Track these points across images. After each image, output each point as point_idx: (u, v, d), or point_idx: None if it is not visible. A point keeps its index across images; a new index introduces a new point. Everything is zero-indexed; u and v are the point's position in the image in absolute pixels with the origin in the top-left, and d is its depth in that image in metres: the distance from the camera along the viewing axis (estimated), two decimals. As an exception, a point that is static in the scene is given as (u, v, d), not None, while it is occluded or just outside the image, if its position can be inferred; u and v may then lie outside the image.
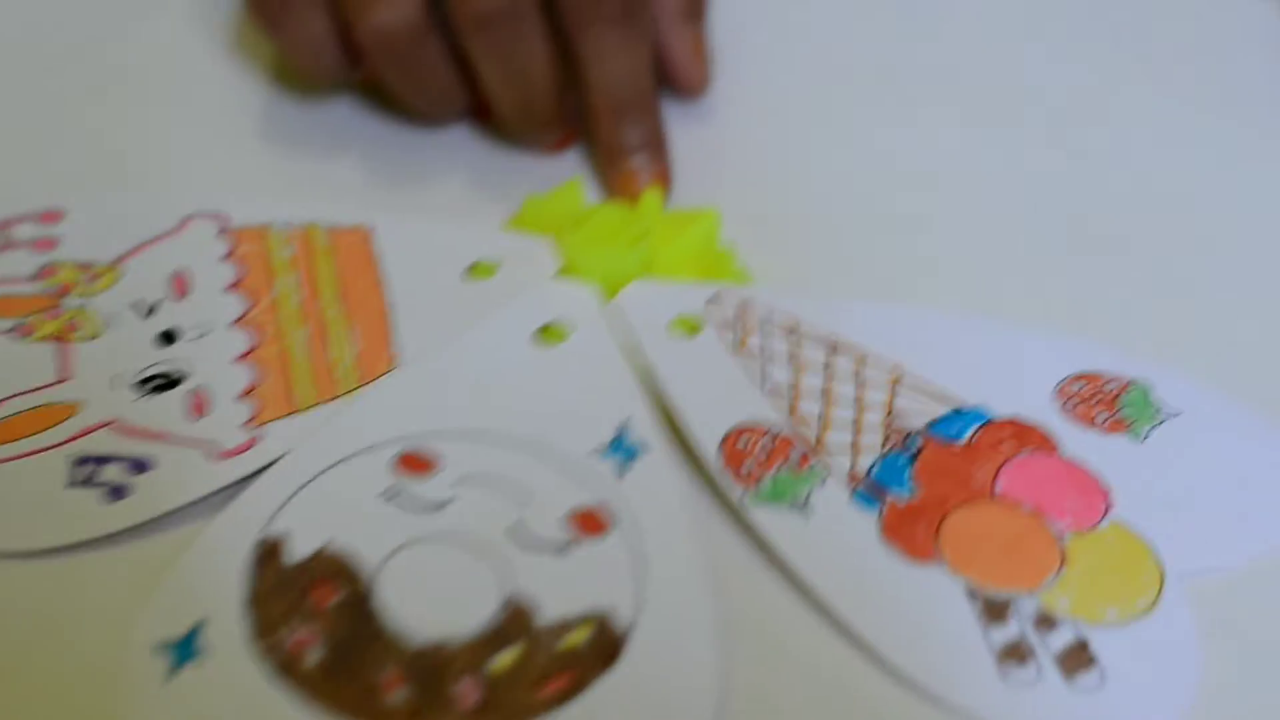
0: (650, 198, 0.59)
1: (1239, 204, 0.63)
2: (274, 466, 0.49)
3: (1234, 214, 0.62)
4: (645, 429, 0.50)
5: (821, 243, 0.60)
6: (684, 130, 0.63)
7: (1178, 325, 0.57)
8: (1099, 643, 0.45)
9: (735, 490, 0.49)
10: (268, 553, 0.46)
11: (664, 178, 0.60)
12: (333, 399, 0.51)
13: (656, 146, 0.60)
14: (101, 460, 0.49)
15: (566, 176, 0.60)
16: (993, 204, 0.62)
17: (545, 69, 0.58)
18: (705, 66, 0.64)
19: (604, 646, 0.44)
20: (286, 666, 0.44)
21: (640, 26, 0.59)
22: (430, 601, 0.45)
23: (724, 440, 0.50)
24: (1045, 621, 0.46)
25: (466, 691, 0.43)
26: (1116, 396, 0.52)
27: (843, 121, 0.66)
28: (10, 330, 0.54)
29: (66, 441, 0.50)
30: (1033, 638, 0.45)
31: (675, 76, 0.63)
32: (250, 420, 0.51)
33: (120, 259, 0.56)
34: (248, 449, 0.50)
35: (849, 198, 0.62)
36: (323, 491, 0.48)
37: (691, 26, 0.63)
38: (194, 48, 0.67)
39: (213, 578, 0.46)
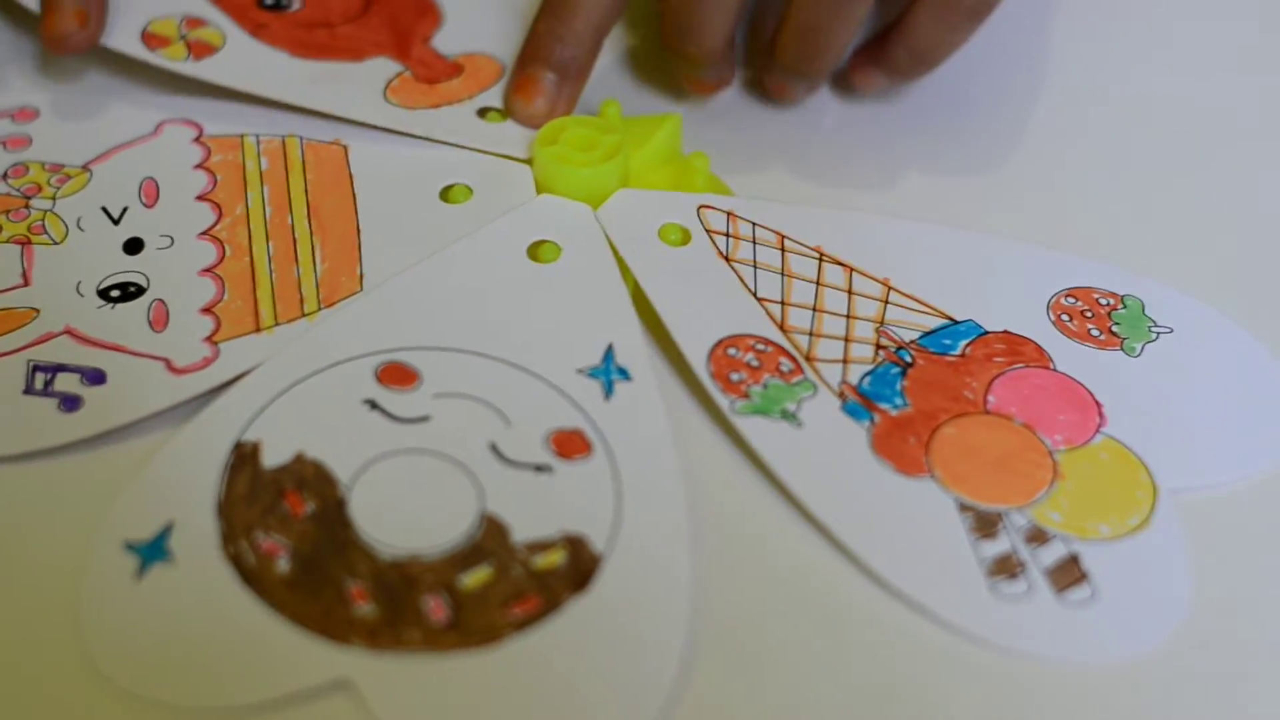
0: (609, 105, 0.57)
1: (1237, 117, 0.62)
2: (252, 373, 0.48)
3: (1231, 129, 0.62)
4: (635, 349, 0.49)
5: (794, 155, 0.59)
6: (643, 36, 0.63)
7: (1169, 242, 0.56)
8: (1090, 558, 0.45)
9: (724, 400, 0.48)
10: (243, 458, 0.45)
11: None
12: (296, 319, 0.50)
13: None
14: (57, 369, 0.48)
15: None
16: (979, 116, 0.61)
17: None
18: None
19: (578, 569, 0.44)
20: (255, 573, 0.43)
21: None
22: (404, 515, 0.45)
23: (713, 349, 0.49)
24: (1037, 536, 0.45)
25: (435, 607, 0.43)
26: (1110, 312, 0.51)
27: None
28: None
29: (24, 348, 0.49)
30: (1024, 552, 0.45)
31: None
32: (210, 336, 0.50)
33: (91, 162, 0.55)
34: (205, 365, 0.49)
35: (819, 108, 0.62)
36: (301, 400, 0.47)
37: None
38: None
39: (184, 481, 0.45)
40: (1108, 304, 0.52)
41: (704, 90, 0.60)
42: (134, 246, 0.52)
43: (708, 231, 0.52)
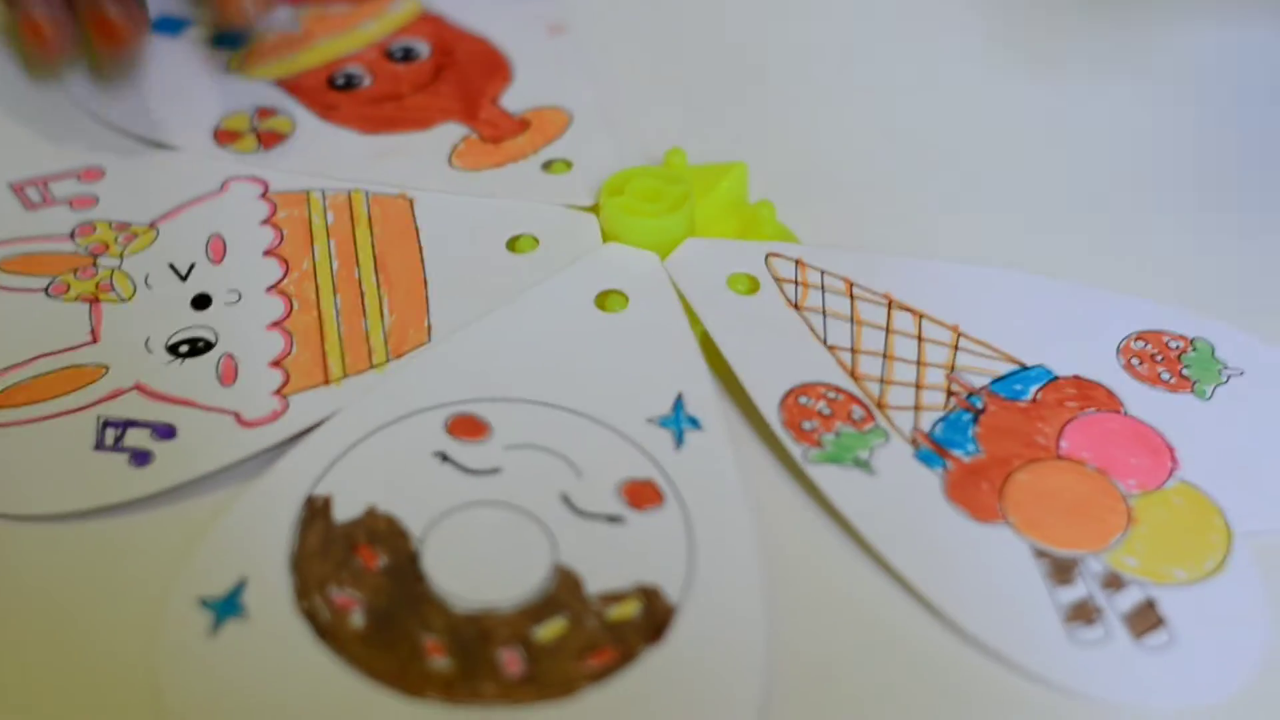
0: (674, 154, 0.57)
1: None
2: (323, 426, 0.48)
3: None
4: (705, 398, 0.49)
5: (859, 202, 0.59)
6: (708, 86, 0.63)
7: (1234, 284, 0.56)
8: (1167, 603, 0.44)
9: (797, 449, 0.48)
10: (315, 512, 0.46)
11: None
12: (365, 371, 0.50)
13: None
14: (127, 424, 0.49)
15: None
16: (1041, 162, 0.61)
17: None
18: None
19: (652, 620, 0.43)
20: (329, 628, 0.43)
21: None
22: (477, 567, 0.45)
23: (784, 398, 0.49)
24: (1113, 581, 0.45)
25: (510, 660, 0.42)
26: (1180, 355, 0.51)
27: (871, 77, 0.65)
28: (44, 289, 0.53)
29: (94, 404, 0.49)
30: (1100, 598, 0.44)
31: None
32: (279, 389, 0.50)
33: (158, 220, 0.55)
34: (275, 419, 0.49)
35: (883, 157, 0.61)
36: (372, 453, 0.47)
37: None
38: None
39: (257, 536, 0.45)
40: (1177, 347, 0.51)
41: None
42: (202, 302, 0.52)
43: (776, 280, 0.52)
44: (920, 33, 0.68)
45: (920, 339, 0.51)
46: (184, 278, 0.53)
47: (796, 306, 0.51)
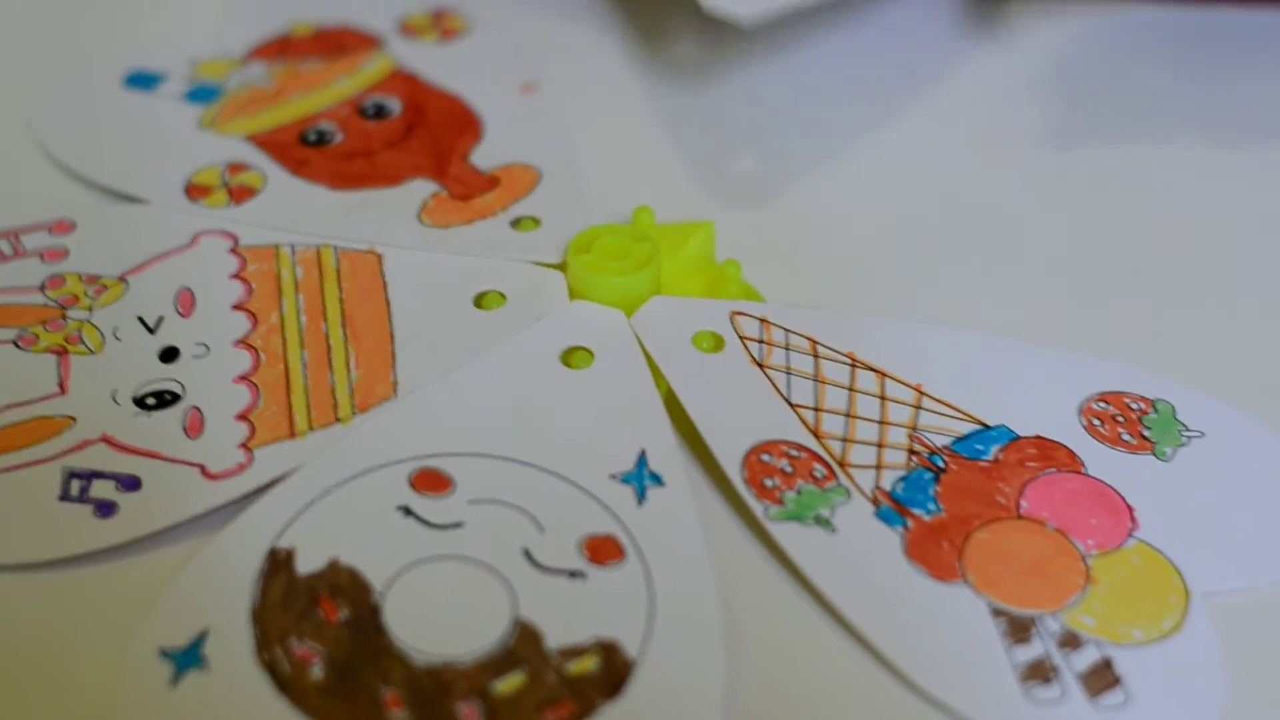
0: (642, 213, 0.57)
1: (1256, 222, 0.62)
2: (287, 479, 0.48)
3: (1250, 231, 0.62)
4: (667, 455, 0.49)
5: (825, 263, 0.60)
6: (678, 142, 0.63)
7: (1194, 347, 0.56)
8: (1124, 663, 0.45)
9: (758, 506, 0.48)
10: (278, 564, 0.46)
11: None
12: (330, 425, 0.50)
13: None
14: (93, 475, 0.49)
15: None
16: (1000, 225, 0.62)
17: None
18: None
19: (611, 675, 0.43)
20: (289, 680, 0.43)
21: None
22: (438, 621, 0.45)
23: (747, 455, 0.49)
24: (1070, 641, 0.45)
25: (469, 714, 0.43)
26: (1141, 416, 0.51)
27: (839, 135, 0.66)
28: (14, 340, 0.53)
29: (60, 455, 0.49)
30: (1057, 657, 0.45)
31: None
32: (245, 442, 0.50)
33: (128, 273, 0.56)
34: (240, 471, 0.49)
35: (850, 218, 0.62)
36: (336, 506, 0.47)
37: None
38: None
39: (219, 588, 0.45)
40: (1139, 408, 0.52)
41: None
42: (170, 355, 0.52)
43: (741, 338, 0.52)
44: (887, 103, 0.68)
45: (883, 398, 0.51)
46: (152, 330, 0.53)
47: (761, 365, 0.52)
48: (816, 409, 0.51)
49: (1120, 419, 0.51)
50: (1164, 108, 0.67)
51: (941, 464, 0.49)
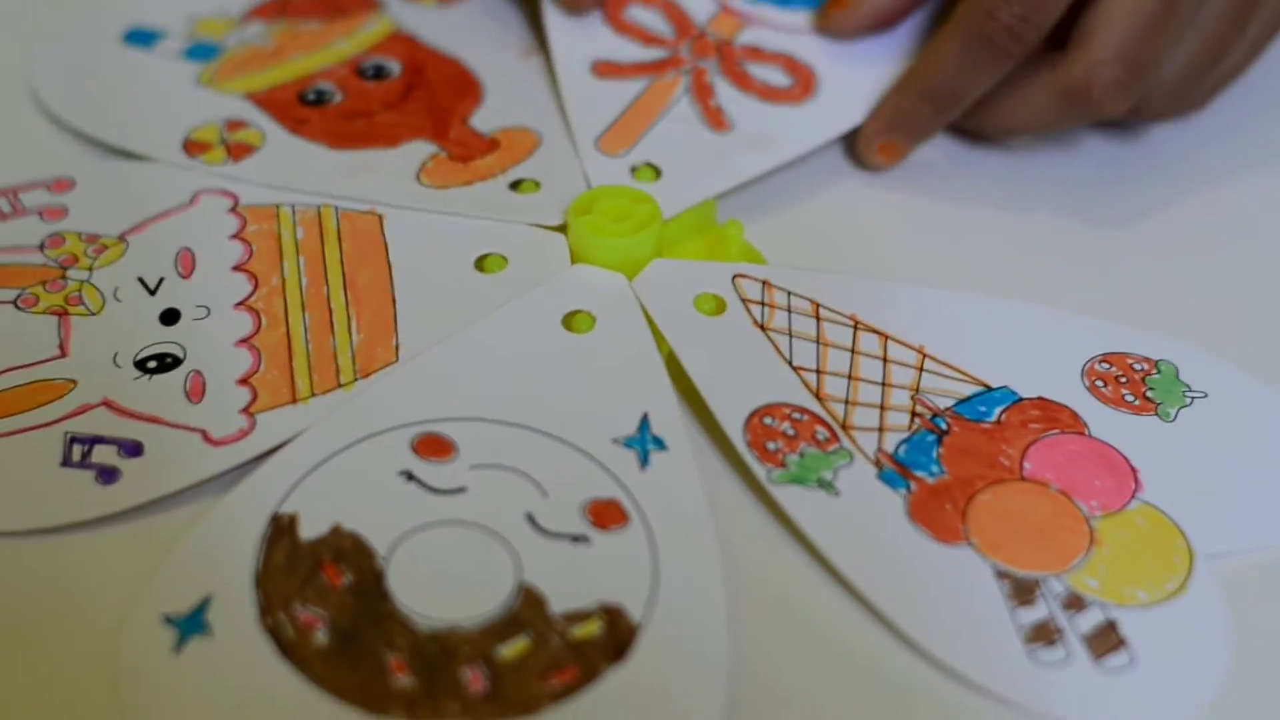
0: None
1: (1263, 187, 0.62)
2: (289, 445, 0.48)
3: (1257, 196, 0.62)
4: (670, 419, 0.49)
5: (827, 223, 0.59)
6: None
7: (1199, 308, 0.56)
8: (1128, 624, 0.45)
9: (761, 469, 0.48)
10: (281, 529, 0.46)
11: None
12: (333, 390, 0.50)
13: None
14: (94, 441, 0.49)
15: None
16: (1010, 183, 0.62)
17: None
18: None
19: (615, 639, 0.44)
20: (293, 645, 0.43)
21: None
22: (442, 586, 0.45)
23: (749, 418, 0.49)
24: (1074, 602, 0.45)
25: (474, 678, 0.42)
26: (1144, 377, 0.51)
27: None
28: (13, 300, 0.53)
29: (61, 420, 0.49)
30: (1061, 619, 0.45)
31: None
32: (247, 407, 0.50)
33: (127, 232, 0.55)
34: (242, 437, 0.49)
35: (851, 179, 0.62)
36: (338, 471, 0.47)
37: None
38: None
39: (222, 554, 0.45)
40: (1142, 369, 0.51)
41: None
42: (170, 317, 0.52)
43: (743, 300, 0.52)
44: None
45: (885, 360, 0.51)
46: (153, 292, 0.53)
47: (763, 327, 0.52)
48: (819, 371, 0.50)
49: (1123, 379, 0.51)
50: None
51: (944, 426, 0.49)
